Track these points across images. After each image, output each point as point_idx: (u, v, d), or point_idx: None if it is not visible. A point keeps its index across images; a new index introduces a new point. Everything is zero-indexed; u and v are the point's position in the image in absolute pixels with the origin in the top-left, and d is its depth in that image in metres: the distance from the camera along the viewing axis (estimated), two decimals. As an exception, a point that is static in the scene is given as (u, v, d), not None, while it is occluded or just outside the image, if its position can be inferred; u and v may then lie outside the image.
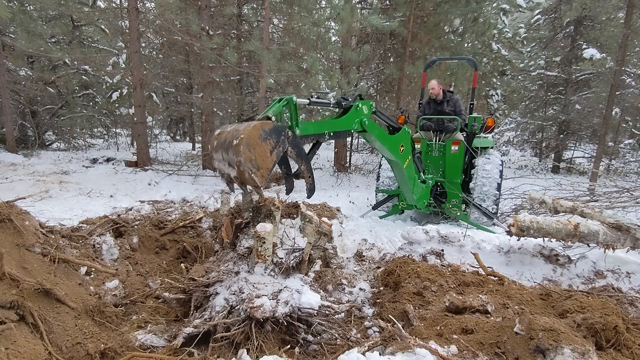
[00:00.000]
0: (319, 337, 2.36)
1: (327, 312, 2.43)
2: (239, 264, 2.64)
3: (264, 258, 2.45)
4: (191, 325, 2.26)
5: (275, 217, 2.68)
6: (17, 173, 7.84)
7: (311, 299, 2.35)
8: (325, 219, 2.85)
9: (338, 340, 2.34)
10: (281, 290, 2.37)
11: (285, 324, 2.24)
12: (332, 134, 3.04)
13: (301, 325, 2.30)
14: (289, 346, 2.23)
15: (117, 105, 11.97)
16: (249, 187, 2.46)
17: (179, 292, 2.72)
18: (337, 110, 3.30)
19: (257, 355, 2.07)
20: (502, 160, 5.59)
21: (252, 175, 2.23)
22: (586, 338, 1.99)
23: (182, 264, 3.24)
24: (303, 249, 2.65)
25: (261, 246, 2.42)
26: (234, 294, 2.36)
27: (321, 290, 2.71)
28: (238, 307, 2.26)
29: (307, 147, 2.86)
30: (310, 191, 2.78)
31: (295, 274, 2.58)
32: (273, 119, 2.39)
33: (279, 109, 2.53)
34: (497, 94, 15.14)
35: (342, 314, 2.55)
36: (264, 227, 2.44)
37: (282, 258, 2.54)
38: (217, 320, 2.21)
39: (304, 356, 2.16)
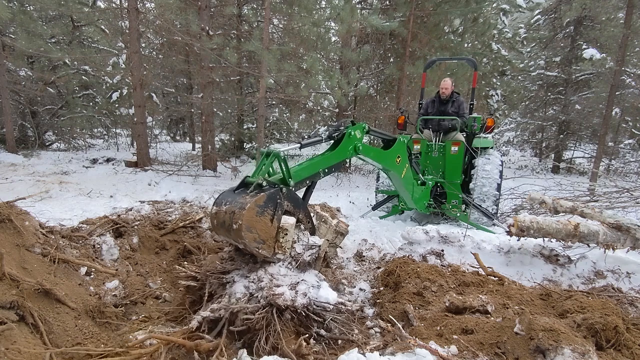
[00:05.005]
0: (330, 333, 2.38)
1: (340, 308, 2.45)
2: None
3: (284, 250, 2.48)
4: (208, 309, 2.27)
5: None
6: (17, 173, 7.84)
7: (329, 294, 2.39)
8: (342, 219, 2.87)
9: (351, 337, 2.36)
10: (298, 282, 2.40)
11: (304, 314, 2.28)
12: (326, 170, 2.98)
13: (316, 318, 2.33)
14: (307, 335, 2.25)
15: (117, 105, 11.97)
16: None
17: (190, 279, 2.73)
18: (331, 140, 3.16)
19: (275, 342, 2.11)
20: (502, 161, 5.58)
21: (260, 251, 2.35)
22: (586, 338, 1.99)
23: (185, 262, 3.24)
24: (319, 246, 2.68)
25: (283, 237, 2.47)
26: (252, 282, 2.38)
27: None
28: (257, 294, 2.29)
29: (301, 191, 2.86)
30: (311, 232, 2.80)
31: (310, 269, 2.60)
32: (264, 183, 2.43)
33: (267, 169, 2.57)
34: (497, 94, 15.13)
35: (345, 314, 2.57)
36: (287, 220, 2.49)
37: (299, 253, 2.57)
38: (239, 305, 2.23)
39: (315, 354, 2.16)
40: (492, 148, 5.80)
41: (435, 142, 5.57)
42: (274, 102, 12.59)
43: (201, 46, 8.15)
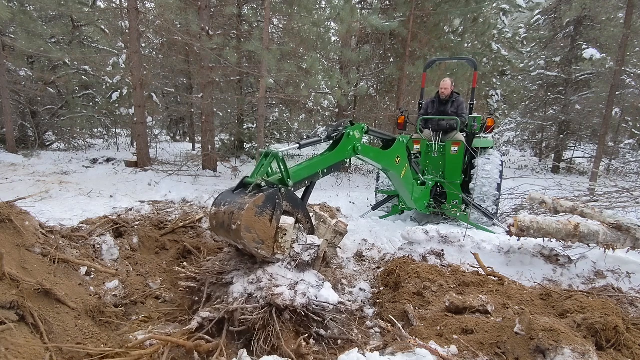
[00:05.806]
0: (330, 332, 2.39)
1: (340, 308, 2.46)
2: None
3: (283, 250, 2.48)
4: (207, 310, 2.27)
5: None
6: (17, 173, 7.83)
7: (329, 294, 2.39)
8: (341, 219, 2.88)
9: (350, 336, 2.36)
10: (298, 282, 2.40)
11: (303, 314, 2.28)
12: (325, 170, 2.99)
13: (316, 318, 2.33)
14: (306, 335, 2.25)
15: (117, 105, 11.97)
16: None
17: (190, 280, 2.72)
18: (330, 140, 3.15)
19: (275, 342, 2.12)
20: (502, 161, 5.58)
21: (259, 251, 2.35)
22: (586, 338, 1.99)
23: (184, 262, 3.24)
24: (318, 246, 2.68)
25: (282, 238, 2.47)
26: (251, 282, 2.38)
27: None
28: (256, 295, 2.29)
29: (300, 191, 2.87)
30: (310, 233, 2.80)
31: (310, 269, 2.61)
32: (262, 183, 2.43)
33: (266, 169, 2.57)
34: (497, 94, 15.13)
35: (345, 314, 2.57)
36: (286, 220, 2.48)
37: (298, 253, 2.57)
38: (238, 305, 2.23)
39: (316, 354, 2.16)
40: (492, 148, 5.80)
41: (435, 142, 5.57)
42: (274, 102, 12.59)
43: (201, 46, 8.15)
